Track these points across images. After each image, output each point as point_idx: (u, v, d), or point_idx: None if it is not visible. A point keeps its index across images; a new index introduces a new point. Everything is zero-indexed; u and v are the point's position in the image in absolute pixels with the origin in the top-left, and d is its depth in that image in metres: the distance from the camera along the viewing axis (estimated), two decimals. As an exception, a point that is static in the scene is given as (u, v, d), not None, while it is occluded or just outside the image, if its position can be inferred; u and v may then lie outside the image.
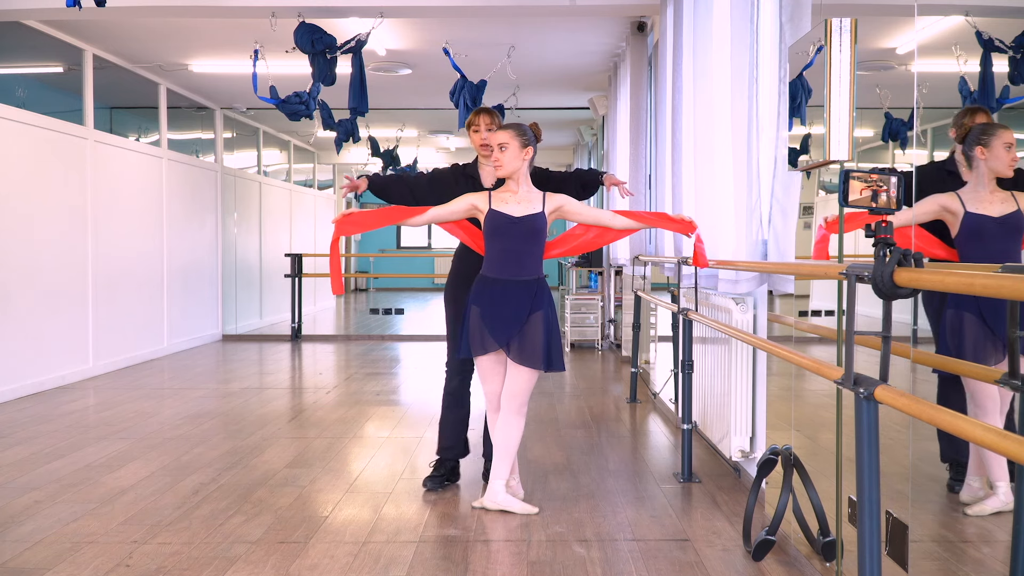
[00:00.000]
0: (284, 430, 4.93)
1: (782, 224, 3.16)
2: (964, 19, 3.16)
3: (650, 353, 6.35)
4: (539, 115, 10.48)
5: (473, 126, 3.70)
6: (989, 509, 2.82)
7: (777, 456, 2.81)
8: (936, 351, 3.03)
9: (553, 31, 6.74)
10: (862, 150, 3.69)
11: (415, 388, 6.51)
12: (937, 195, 3.07)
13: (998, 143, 2.93)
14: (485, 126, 3.68)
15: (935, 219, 3.10)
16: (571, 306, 8.73)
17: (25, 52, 6.83)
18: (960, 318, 2.93)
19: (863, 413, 1.93)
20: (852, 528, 2.23)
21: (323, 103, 6.48)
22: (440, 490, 3.71)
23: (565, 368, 3.58)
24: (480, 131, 3.68)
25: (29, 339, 6.13)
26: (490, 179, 3.70)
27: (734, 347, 3.79)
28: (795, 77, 3.16)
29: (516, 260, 3.36)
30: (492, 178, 3.70)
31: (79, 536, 3.12)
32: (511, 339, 3.34)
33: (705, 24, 4.04)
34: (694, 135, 4.17)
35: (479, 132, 3.68)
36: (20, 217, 6.04)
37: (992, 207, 2.97)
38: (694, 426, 4.26)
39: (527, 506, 3.38)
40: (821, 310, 3.48)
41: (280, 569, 2.80)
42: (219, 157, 9.93)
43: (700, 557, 2.91)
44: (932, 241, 3.17)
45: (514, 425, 3.37)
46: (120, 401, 5.85)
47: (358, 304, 15.86)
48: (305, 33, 5.69)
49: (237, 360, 8.12)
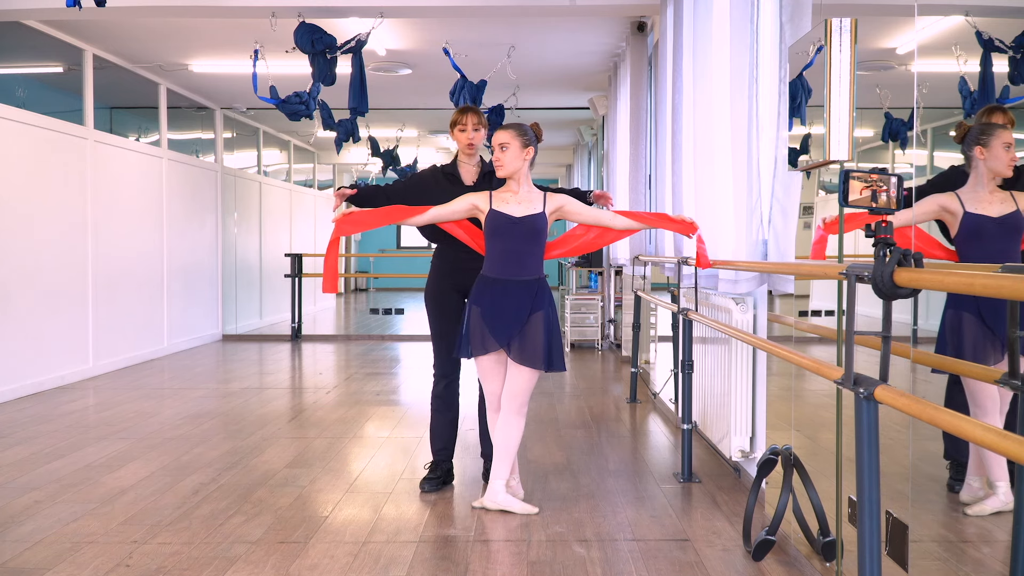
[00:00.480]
0: (284, 430, 4.93)
1: (782, 224, 3.16)
2: (964, 19, 3.16)
3: (650, 353, 6.35)
4: (539, 115, 10.49)
5: (459, 125, 3.68)
6: (989, 509, 2.82)
7: (777, 456, 2.81)
8: (935, 351, 3.03)
9: (553, 31, 6.74)
10: (862, 150, 3.69)
11: (415, 388, 6.51)
12: (936, 195, 3.07)
13: (996, 143, 2.93)
14: (472, 126, 3.67)
15: (935, 219, 3.10)
16: (571, 306, 8.73)
17: (25, 52, 6.83)
18: (959, 318, 2.93)
19: (863, 413, 1.93)
20: (852, 528, 2.23)
21: (323, 103, 6.48)
22: (438, 491, 3.71)
23: (566, 368, 3.58)
24: (467, 130, 3.66)
25: (29, 339, 6.13)
26: (470, 177, 3.71)
27: (734, 347, 3.79)
28: (795, 77, 3.16)
29: (517, 260, 3.36)
30: (473, 176, 3.71)
31: (79, 536, 3.12)
32: (512, 339, 3.34)
33: (705, 24, 4.04)
34: (694, 135, 4.17)
35: (466, 131, 3.67)
36: (20, 217, 6.04)
37: (991, 207, 2.97)
38: (694, 426, 4.27)
39: (527, 506, 3.38)
40: (821, 310, 3.48)
41: (280, 569, 2.80)
42: (219, 157, 9.93)
43: (700, 557, 2.91)
44: (931, 241, 3.17)
45: (514, 425, 3.38)
46: (120, 401, 5.85)
47: (358, 304, 15.87)
48: (305, 33, 5.69)
49: (237, 360, 8.12)
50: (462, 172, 3.72)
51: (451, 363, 3.74)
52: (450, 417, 3.80)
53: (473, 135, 3.67)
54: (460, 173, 3.72)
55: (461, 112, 3.70)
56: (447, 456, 3.79)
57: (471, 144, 3.68)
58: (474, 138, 3.67)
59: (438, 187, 3.65)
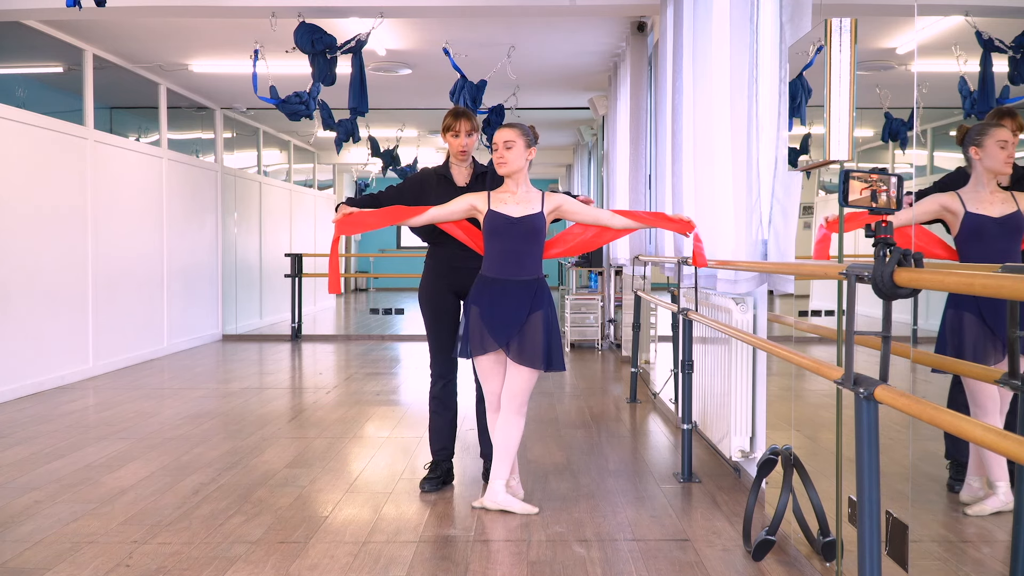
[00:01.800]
0: (284, 430, 4.93)
1: (783, 224, 3.16)
2: (964, 19, 3.16)
3: (650, 353, 6.35)
4: (539, 115, 10.49)
5: (452, 131, 3.64)
6: (989, 509, 2.82)
7: (777, 456, 2.81)
8: (935, 351, 3.03)
9: (553, 31, 6.74)
10: (862, 150, 3.70)
11: (415, 388, 6.50)
12: (938, 195, 3.07)
13: (991, 142, 2.92)
14: (465, 131, 3.63)
15: (936, 219, 3.10)
16: (571, 306, 8.73)
17: (25, 52, 6.83)
18: (960, 318, 2.93)
19: (863, 413, 1.93)
20: (852, 528, 2.23)
21: (323, 103, 6.48)
22: (438, 491, 3.71)
23: (565, 368, 3.57)
24: (460, 136, 3.63)
25: (29, 339, 6.13)
26: (463, 178, 3.71)
27: (734, 347, 3.79)
28: (795, 77, 3.16)
29: (516, 260, 3.36)
30: (465, 177, 3.71)
31: (79, 536, 3.12)
32: (511, 339, 3.34)
33: (705, 24, 4.04)
34: (694, 135, 4.17)
35: (459, 137, 3.63)
36: (20, 217, 6.04)
37: (992, 207, 2.97)
38: (694, 426, 4.26)
39: (527, 506, 3.38)
40: (821, 310, 3.48)
41: (280, 569, 2.80)
42: (219, 157, 9.93)
43: (700, 557, 2.91)
44: (933, 240, 3.17)
45: (514, 425, 3.38)
46: (120, 401, 5.85)
47: (358, 304, 15.87)
48: (305, 33, 5.69)
49: (237, 360, 8.12)
50: (455, 174, 3.72)
51: (448, 363, 3.74)
52: (449, 417, 3.79)
53: (466, 141, 3.64)
54: (452, 175, 3.72)
55: (454, 117, 3.66)
56: (447, 456, 3.79)
57: (463, 151, 3.66)
58: (467, 144, 3.65)
59: (432, 189, 3.64)
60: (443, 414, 3.78)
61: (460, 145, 3.65)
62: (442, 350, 3.71)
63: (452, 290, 3.70)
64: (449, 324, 3.67)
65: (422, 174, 3.77)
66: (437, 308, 3.70)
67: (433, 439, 3.79)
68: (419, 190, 3.66)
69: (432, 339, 3.74)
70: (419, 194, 3.63)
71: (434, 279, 3.72)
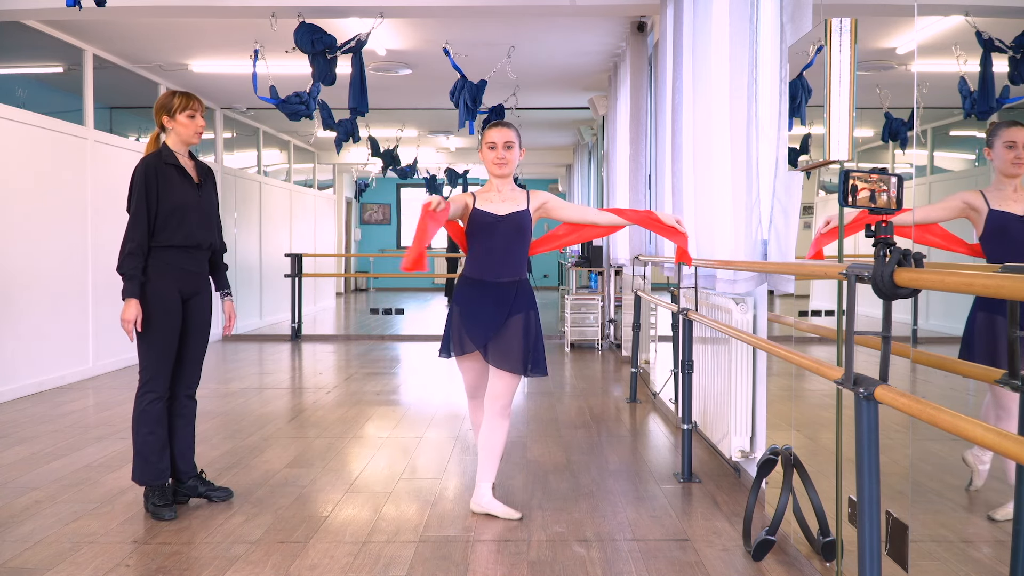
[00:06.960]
0: (284, 430, 4.93)
1: (783, 224, 3.16)
2: (964, 19, 3.16)
3: (650, 353, 6.35)
4: (539, 115, 10.51)
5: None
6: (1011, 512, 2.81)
7: (777, 456, 2.81)
8: (960, 355, 2.99)
9: (553, 31, 6.74)
10: (862, 150, 3.70)
11: (415, 388, 6.51)
12: (962, 191, 3.04)
13: (998, 142, 2.92)
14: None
15: (960, 216, 3.06)
16: (571, 306, 8.73)
17: (25, 52, 6.83)
18: (992, 321, 2.88)
19: (863, 413, 1.93)
20: (852, 528, 2.23)
21: (323, 103, 6.49)
22: (438, 491, 3.70)
23: (547, 372, 3.43)
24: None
25: (29, 339, 6.13)
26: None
27: (734, 347, 3.79)
28: (795, 77, 3.16)
29: (500, 259, 3.31)
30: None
31: (79, 536, 3.12)
32: (488, 341, 3.30)
33: (705, 24, 4.04)
34: (694, 135, 4.17)
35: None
36: (20, 217, 6.04)
37: (1017, 205, 2.93)
38: (694, 426, 4.26)
39: (510, 511, 3.33)
40: (821, 310, 3.48)
41: (280, 569, 2.80)
42: (219, 157, 9.93)
43: (700, 557, 2.91)
44: (952, 239, 3.14)
45: (498, 427, 3.34)
46: (120, 401, 5.85)
47: (358, 304, 15.86)
48: (305, 33, 5.70)
49: (237, 360, 8.12)
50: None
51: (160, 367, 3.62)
52: (162, 433, 3.49)
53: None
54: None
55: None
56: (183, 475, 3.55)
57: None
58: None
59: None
60: (160, 432, 3.49)
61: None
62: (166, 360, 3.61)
63: (179, 290, 3.61)
64: (174, 325, 3.59)
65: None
66: (165, 310, 3.58)
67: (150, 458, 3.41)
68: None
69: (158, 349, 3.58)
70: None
71: (158, 279, 3.62)
